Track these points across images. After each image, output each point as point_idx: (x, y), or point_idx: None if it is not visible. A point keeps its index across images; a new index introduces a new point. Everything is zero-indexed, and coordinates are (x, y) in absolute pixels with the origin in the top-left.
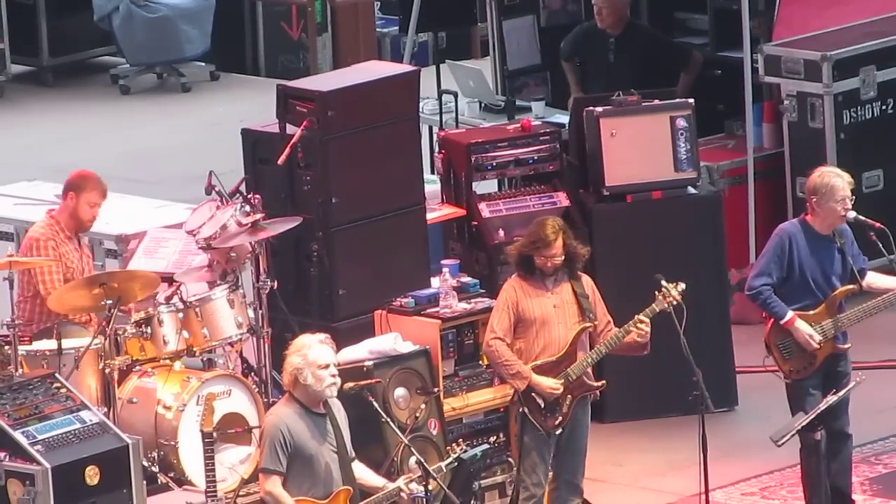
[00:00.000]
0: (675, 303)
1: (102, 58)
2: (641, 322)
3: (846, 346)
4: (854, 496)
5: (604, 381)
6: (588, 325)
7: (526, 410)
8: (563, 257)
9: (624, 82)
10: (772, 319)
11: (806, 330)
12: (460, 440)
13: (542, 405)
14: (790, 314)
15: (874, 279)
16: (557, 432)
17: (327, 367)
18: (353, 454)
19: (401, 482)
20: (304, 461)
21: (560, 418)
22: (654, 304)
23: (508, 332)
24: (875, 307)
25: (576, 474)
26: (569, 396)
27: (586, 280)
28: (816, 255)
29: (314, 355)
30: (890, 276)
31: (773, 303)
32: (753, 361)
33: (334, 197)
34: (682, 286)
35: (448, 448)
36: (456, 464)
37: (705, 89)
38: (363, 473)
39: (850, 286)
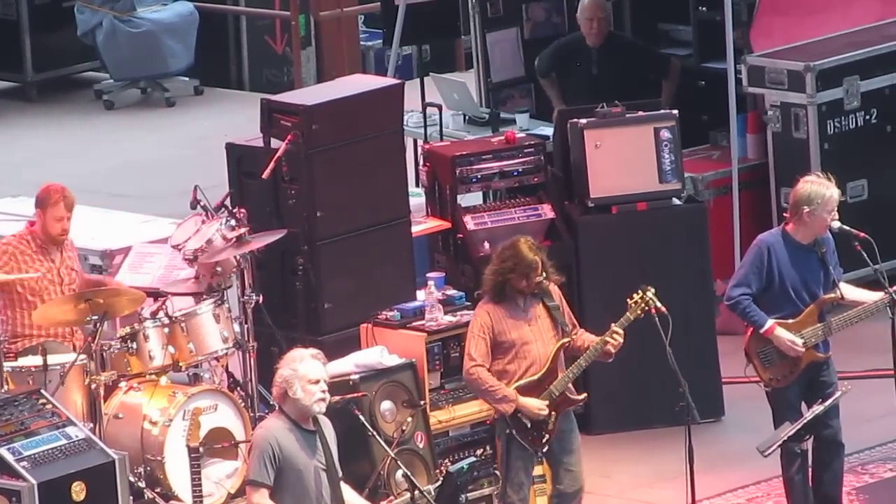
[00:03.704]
0: (646, 308)
1: (86, 73)
2: (616, 333)
3: (827, 354)
4: None
5: (586, 395)
6: (566, 340)
7: (513, 432)
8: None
9: (608, 94)
10: (751, 328)
11: (787, 336)
12: (447, 460)
13: (529, 425)
14: (770, 323)
15: (846, 291)
16: (544, 449)
17: (317, 382)
18: (341, 473)
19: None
20: (292, 476)
21: (546, 436)
22: (627, 314)
23: (486, 357)
24: (858, 315)
25: (574, 482)
26: (553, 413)
27: (553, 289)
28: (796, 265)
29: (304, 369)
30: (861, 288)
31: (752, 312)
32: (739, 372)
33: (319, 210)
34: (651, 291)
35: (437, 470)
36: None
37: (689, 100)
38: (348, 495)
39: (832, 295)
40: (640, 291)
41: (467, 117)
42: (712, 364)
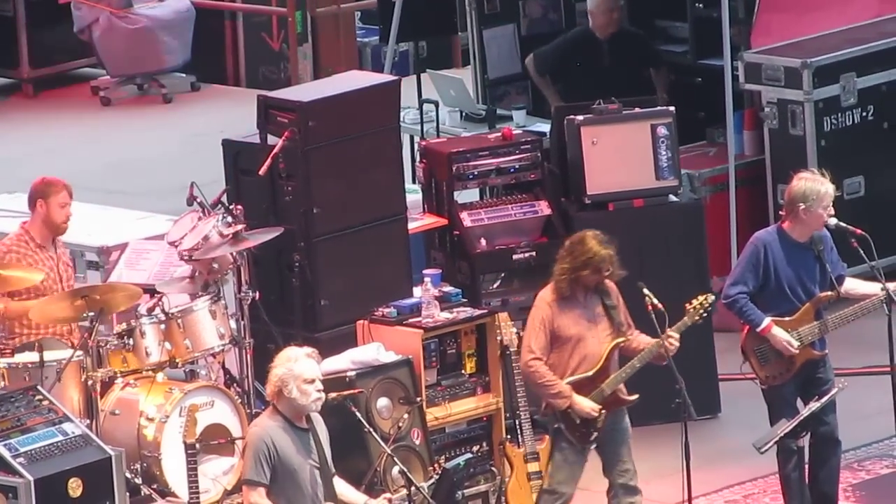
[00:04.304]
0: (705, 315)
1: (83, 69)
2: (671, 337)
3: (823, 352)
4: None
5: (637, 395)
6: (621, 339)
7: (562, 426)
8: None
9: (621, 86)
10: (748, 326)
11: (783, 336)
12: (443, 457)
13: (578, 421)
14: (766, 321)
15: (852, 285)
16: (591, 446)
17: (313, 381)
18: (334, 470)
19: (381, 501)
20: (287, 475)
21: (595, 433)
22: (685, 318)
23: (546, 350)
24: (854, 313)
25: (627, 477)
26: (603, 412)
27: (612, 288)
28: (793, 262)
29: (300, 369)
30: (869, 282)
31: (748, 310)
32: (736, 369)
33: (316, 207)
34: (711, 298)
35: (432, 467)
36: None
37: (686, 97)
38: (343, 489)
39: (829, 293)
40: (699, 297)
41: (464, 114)
42: (709, 361)
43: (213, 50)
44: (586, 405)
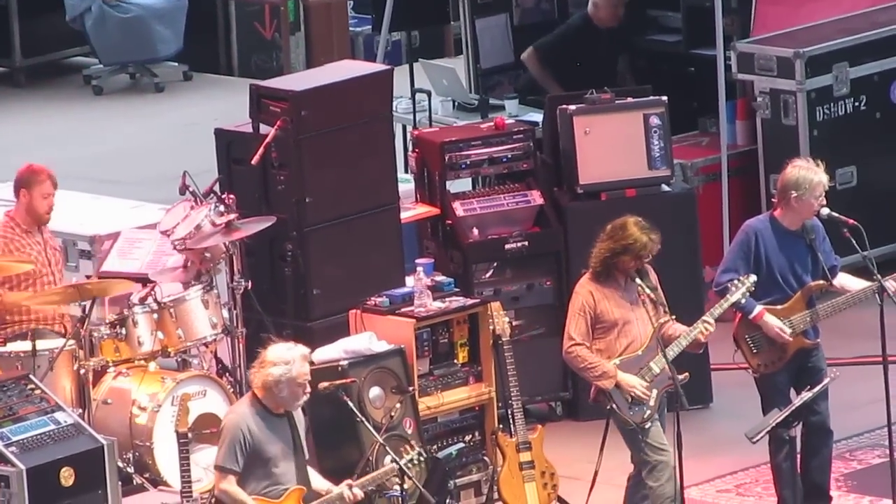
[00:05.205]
0: (743, 302)
1: (75, 58)
2: (707, 323)
3: (816, 341)
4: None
5: (687, 374)
6: (666, 319)
7: (615, 406)
8: None
9: (619, 73)
10: (740, 314)
11: (775, 323)
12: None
13: (629, 401)
14: (758, 308)
15: (846, 280)
16: (647, 426)
17: (305, 385)
18: (308, 456)
19: (343, 488)
20: (261, 462)
21: (648, 412)
22: (722, 302)
23: (586, 336)
24: (846, 303)
25: (670, 458)
26: (654, 391)
27: (650, 271)
28: (784, 250)
29: (297, 371)
30: (861, 279)
31: None
32: (728, 358)
33: (308, 196)
34: (753, 278)
35: (403, 449)
36: (420, 463)
37: (679, 87)
38: (314, 479)
39: (821, 282)
40: (739, 279)
41: (456, 103)
42: (701, 351)
43: (206, 39)
44: (634, 381)
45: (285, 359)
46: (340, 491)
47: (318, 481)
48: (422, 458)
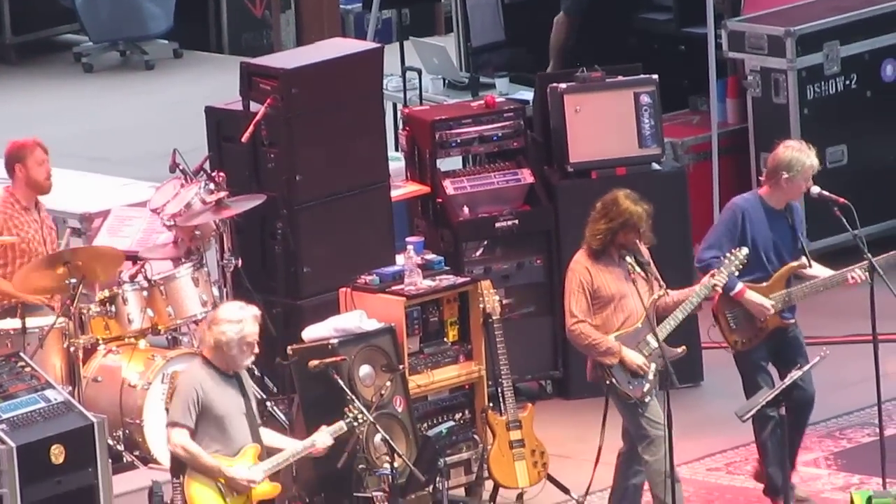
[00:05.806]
0: (741, 267)
1: (65, 35)
2: (717, 284)
3: (792, 320)
4: (818, 470)
5: (684, 347)
6: (661, 292)
7: (614, 381)
8: None
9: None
10: (721, 290)
11: (757, 299)
12: (424, 426)
13: (629, 377)
14: (740, 285)
15: (817, 268)
16: (647, 400)
17: (253, 345)
18: (260, 420)
19: (315, 435)
20: (214, 422)
21: (647, 385)
22: (725, 264)
23: (588, 312)
24: (823, 284)
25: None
26: (653, 365)
27: (642, 246)
28: (770, 229)
29: (248, 331)
30: (825, 267)
31: None
32: (719, 337)
33: (298, 174)
34: (745, 251)
35: (347, 409)
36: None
37: (669, 65)
38: (273, 438)
39: (801, 261)
40: (731, 252)
41: (447, 81)
42: (691, 329)
43: (196, 17)
44: (637, 358)
45: (237, 317)
46: (311, 440)
47: (280, 440)
48: (361, 417)
